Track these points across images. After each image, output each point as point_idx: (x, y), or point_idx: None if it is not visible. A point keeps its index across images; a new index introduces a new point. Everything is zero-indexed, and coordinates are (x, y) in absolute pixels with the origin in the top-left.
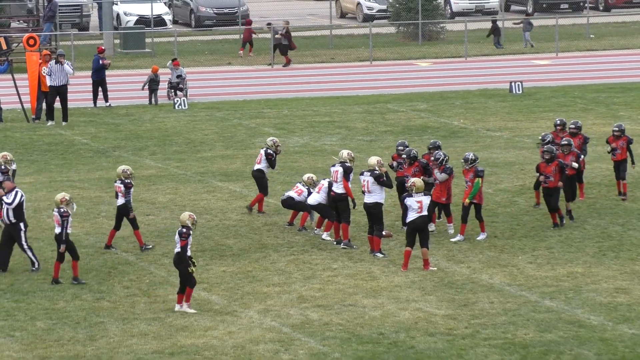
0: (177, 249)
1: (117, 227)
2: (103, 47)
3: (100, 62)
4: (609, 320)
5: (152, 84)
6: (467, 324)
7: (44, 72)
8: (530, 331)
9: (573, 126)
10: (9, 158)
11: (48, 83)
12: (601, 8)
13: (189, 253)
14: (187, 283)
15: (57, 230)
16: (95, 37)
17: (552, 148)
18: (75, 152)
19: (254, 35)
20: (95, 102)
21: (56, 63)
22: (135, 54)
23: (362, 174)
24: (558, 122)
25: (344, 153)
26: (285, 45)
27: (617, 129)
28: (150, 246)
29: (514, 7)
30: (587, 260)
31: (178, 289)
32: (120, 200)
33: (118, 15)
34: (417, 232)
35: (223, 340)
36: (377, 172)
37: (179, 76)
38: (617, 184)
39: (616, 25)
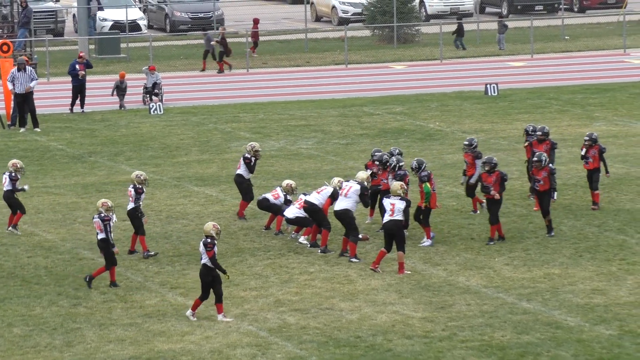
0: (204, 260)
1: (138, 232)
2: (82, 54)
3: (77, 66)
4: (585, 321)
5: (119, 90)
6: (444, 327)
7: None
8: (507, 333)
9: (540, 133)
10: (19, 166)
11: (12, 90)
12: (576, 9)
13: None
14: (219, 292)
15: (100, 236)
16: (70, 42)
17: (492, 158)
18: (51, 158)
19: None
20: (72, 108)
21: (18, 71)
22: (111, 59)
23: (347, 180)
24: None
25: (335, 180)
26: (220, 52)
27: (587, 138)
28: (153, 253)
29: (488, 9)
30: (563, 261)
31: (214, 300)
32: (130, 205)
33: None
34: (391, 235)
35: (200, 345)
36: (365, 185)
37: (155, 84)
38: (591, 195)
39: (591, 26)
